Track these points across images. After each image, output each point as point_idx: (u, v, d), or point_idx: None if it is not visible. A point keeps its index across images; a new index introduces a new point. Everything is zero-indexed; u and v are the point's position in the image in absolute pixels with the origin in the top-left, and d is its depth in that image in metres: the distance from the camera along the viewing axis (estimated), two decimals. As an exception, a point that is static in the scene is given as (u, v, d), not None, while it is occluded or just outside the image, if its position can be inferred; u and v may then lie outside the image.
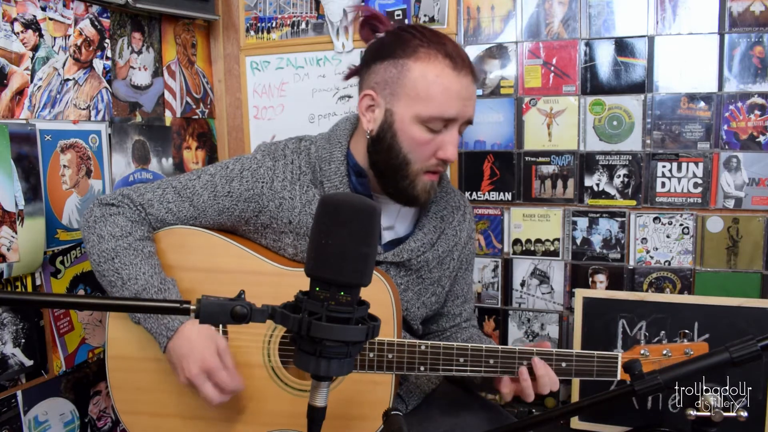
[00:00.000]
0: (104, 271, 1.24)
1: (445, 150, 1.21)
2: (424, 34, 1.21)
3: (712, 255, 1.69)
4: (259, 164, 1.29)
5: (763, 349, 0.80)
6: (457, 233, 1.42)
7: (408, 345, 1.21)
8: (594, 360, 1.20)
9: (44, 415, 1.49)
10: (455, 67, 1.18)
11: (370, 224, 0.73)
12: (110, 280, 1.23)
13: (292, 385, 1.27)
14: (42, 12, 1.44)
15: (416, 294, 1.37)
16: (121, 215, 1.28)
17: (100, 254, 1.24)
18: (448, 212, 1.40)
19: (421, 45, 1.19)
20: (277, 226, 1.29)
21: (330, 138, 1.32)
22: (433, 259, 1.37)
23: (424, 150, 1.22)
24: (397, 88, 1.20)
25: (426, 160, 1.23)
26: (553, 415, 0.88)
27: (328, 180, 1.28)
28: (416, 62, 1.19)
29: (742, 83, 1.63)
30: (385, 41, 1.25)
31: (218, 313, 0.73)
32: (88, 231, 1.28)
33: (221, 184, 1.29)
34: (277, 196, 1.27)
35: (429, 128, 1.20)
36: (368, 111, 1.25)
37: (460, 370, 1.21)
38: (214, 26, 2.06)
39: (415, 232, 1.35)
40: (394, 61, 1.21)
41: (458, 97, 1.19)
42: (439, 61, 1.18)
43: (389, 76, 1.21)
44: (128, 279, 1.21)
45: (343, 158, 1.29)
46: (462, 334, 1.46)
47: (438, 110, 1.18)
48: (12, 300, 1.01)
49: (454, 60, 1.18)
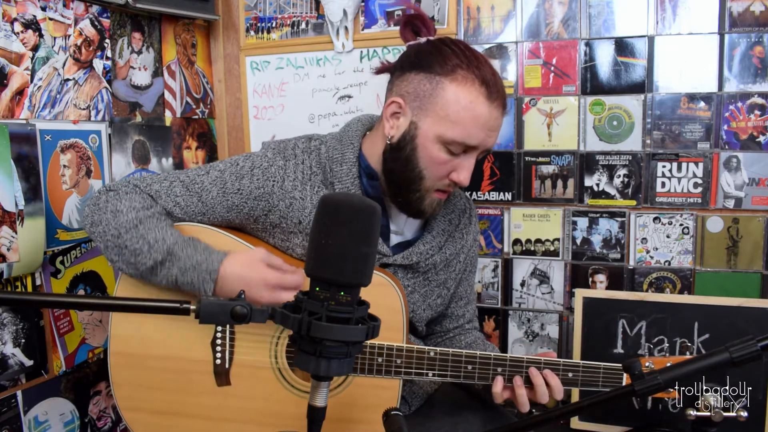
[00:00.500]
0: (126, 241, 1.19)
1: (459, 174, 1.21)
2: (465, 54, 1.19)
3: (712, 255, 1.69)
4: (270, 162, 1.28)
5: (763, 349, 0.80)
6: (464, 236, 1.42)
7: (417, 351, 1.21)
8: (600, 371, 1.22)
9: (44, 415, 1.49)
10: (489, 96, 1.17)
11: (370, 224, 0.73)
12: (134, 248, 1.18)
13: (298, 387, 1.26)
14: (42, 12, 1.44)
15: (422, 296, 1.37)
16: (136, 193, 1.26)
17: (120, 226, 1.20)
18: (455, 215, 1.41)
19: (460, 66, 1.17)
20: (286, 226, 1.28)
21: (342, 139, 1.31)
22: (440, 261, 1.37)
23: (439, 169, 1.21)
24: (427, 104, 1.19)
25: (439, 179, 1.23)
26: (553, 415, 0.88)
27: (339, 181, 1.27)
28: (452, 83, 1.17)
29: (742, 83, 1.63)
30: (424, 50, 1.22)
31: (218, 313, 0.73)
32: (99, 212, 1.24)
33: (231, 181, 1.27)
34: (288, 195, 1.26)
35: (449, 150, 1.19)
36: (393, 117, 1.24)
37: (467, 377, 1.22)
38: (214, 26, 2.06)
39: (424, 235, 1.36)
40: (430, 77, 1.19)
41: (485, 127, 1.18)
42: (475, 88, 1.16)
43: (422, 90, 1.20)
44: (155, 241, 1.18)
45: (355, 160, 1.28)
46: (466, 337, 1.46)
47: (462, 136, 1.17)
48: (12, 300, 1.01)
49: (489, 89, 1.17)
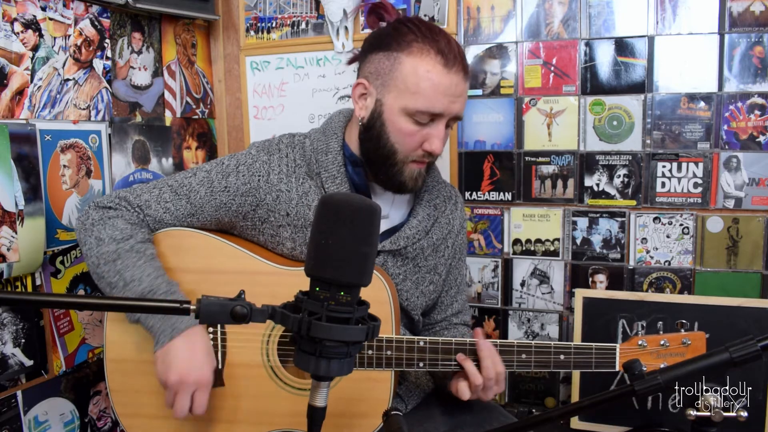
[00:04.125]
0: (104, 273, 1.24)
1: (431, 143, 1.25)
2: (420, 28, 1.23)
3: (712, 255, 1.69)
4: (254, 159, 1.32)
5: (763, 349, 0.80)
6: (450, 221, 1.44)
7: (407, 341, 1.22)
8: (592, 352, 1.21)
9: (44, 415, 1.49)
10: (446, 64, 1.20)
11: (371, 224, 0.73)
12: (110, 281, 1.23)
13: (291, 384, 1.27)
14: (42, 12, 1.44)
15: (414, 283, 1.38)
16: (120, 218, 1.28)
17: (100, 257, 1.24)
18: (440, 201, 1.43)
19: (416, 40, 1.22)
20: (274, 220, 1.30)
21: (325, 130, 1.35)
22: (428, 246, 1.38)
23: (410, 141, 1.25)
24: (388, 80, 1.23)
25: (412, 150, 1.26)
26: (553, 415, 0.88)
27: (325, 170, 1.30)
28: (408, 56, 1.21)
29: (742, 83, 1.63)
30: (384, 32, 1.28)
31: (218, 313, 0.72)
32: (85, 233, 1.28)
33: (217, 179, 1.30)
34: (274, 188, 1.29)
35: (416, 120, 1.23)
36: (361, 99, 1.29)
37: (458, 366, 1.22)
38: (214, 26, 2.06)
39: (409, 219, 1.38)
40: (388, 54, 1.24)
41: (446, 94, 1.21)
42: (431, 57, 1.20)
43: (382, 68, 1.24)
44: (131, 280, 1.21)
45: (339, 149, 1.32)
46: (450, 333, 1.47)
47: (425, 105, 1.21)
48: (12, 300, 1.01)
49: (445, 57, 1.20)
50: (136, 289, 1.20)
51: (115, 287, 1.22)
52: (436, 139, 1.24)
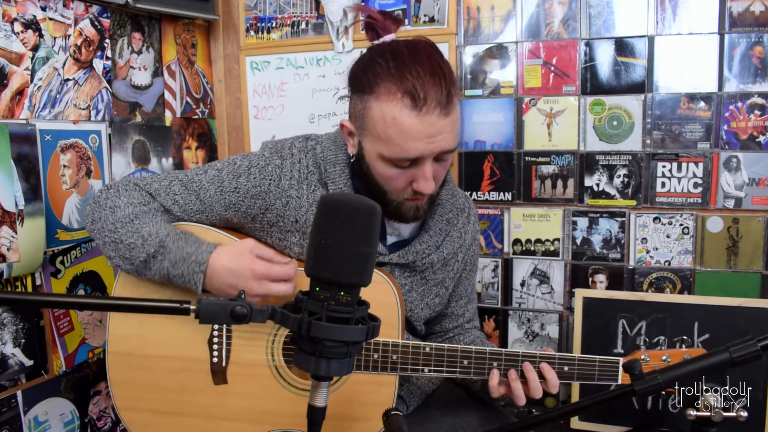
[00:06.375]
0: (122, 236, 1.21)
1: (418, 184, 1.17)
2: (389, 63, 1.13)
3: (712, 255, 1.69)
4: (267, 161, 1.28)
5: (763, 349, 0.80)
6: (462, 235, 1.42)
7: (412, 346, 1.22)
8: (596, 364, 1.21)
9: (44, 415, 1.49)
10: (415, 106, 1.09)
11: (370, 224, 0.73)
12: (129, 242, 1.20)
13: (295, 384, 1.27)
14: (42, 12, 1.44)
15: (420, 295, 1.37)
16: (135, 191, 1.28)
17: (116, 221, 1.22)
18: (453, 215, 1.40)
19: (383, 80, 1.12)
20: (283, 225, 1.28)
21: (336, 140, 1.31)
22: (438, 261, 1.37)
23: (396, 183, 1.20)
24: (363, 125, 1.18)
25: (401, 191, 1.21)
26: (553, 415, 0.88)
27: (332, 182, 1.27)
28: (377, 101, 1.13)
29: (742, 83, 1.63)
30: (358, 68, 1.20)
31: (218, 313, 0.73)
32: (99, 209, 1.26)
33: (228, 179, 1.28)
34: (284, 194, 1.27)
35: (396, 165, 1.16)
36: (349, 137, 1.25)
37: (463, 372, 1.22)
38: (214, 26, 2.06)
39: (420, 234, 1.35)
40: (361, 96, 1.17)
41: (418, 138, 1.11)
42: (397, 101, 1.10)
43: (357, 111, 1.19)
44: (149, 235, 1.19)
45: (347, 161, 1.29)
46: (465, 337, 1.46)
47: (397, 152, 1.13)
48: (12, 300, 1.01)
49: (414, 97, 1.09)
50: (154, 241, 1.18)
51: (134, 247, 1.20)
52: (423, 180, 1.16)
